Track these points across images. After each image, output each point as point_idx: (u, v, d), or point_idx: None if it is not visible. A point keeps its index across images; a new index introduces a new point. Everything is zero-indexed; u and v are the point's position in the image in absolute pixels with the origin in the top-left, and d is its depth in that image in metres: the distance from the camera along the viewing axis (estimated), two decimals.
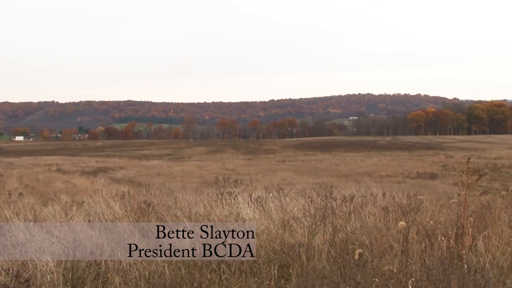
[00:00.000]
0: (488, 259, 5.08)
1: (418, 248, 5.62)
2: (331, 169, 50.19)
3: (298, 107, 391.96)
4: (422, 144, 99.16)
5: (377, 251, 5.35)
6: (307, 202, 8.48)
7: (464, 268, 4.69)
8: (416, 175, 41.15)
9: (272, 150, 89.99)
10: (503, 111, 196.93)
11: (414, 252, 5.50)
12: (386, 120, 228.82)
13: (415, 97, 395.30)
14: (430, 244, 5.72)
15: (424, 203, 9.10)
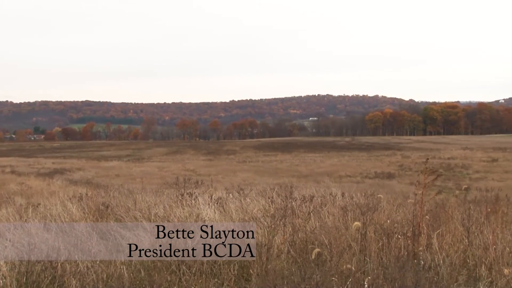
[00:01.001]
0: (442, 257, 5.23)
1: (375, 247, 5.73)
2: (292, 169, 50.57)
3: (258, 108, 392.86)
4: (380, 144, 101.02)
5: (336, 250, 5.43)
6: (267, 203, 8.52)
7: (419, 265, 4.82)
8: (374, 175, 41.95)
9: (233, 150, 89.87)
10: (456, 112, 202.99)
11: (371, 251, 5.60)
12: (345, 121, 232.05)
13: (373, 98, 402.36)
14: (387, 242, 5.84)
15: (382, 202, 9.30)
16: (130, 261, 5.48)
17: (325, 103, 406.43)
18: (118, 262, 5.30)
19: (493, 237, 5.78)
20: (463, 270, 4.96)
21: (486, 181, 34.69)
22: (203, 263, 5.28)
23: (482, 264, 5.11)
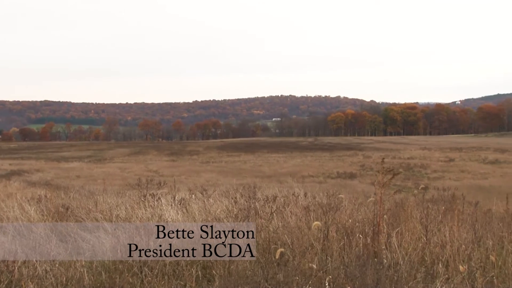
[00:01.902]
0: (401, 255, 5.35)
1: (337, 246, 5.80)
2: (255, 170, 50.68)
3: (222, 108, 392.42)
4: (342, 145, 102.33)
5: (299, 250, 5.48)
6: (230, 203, 8.52)
7: (379, 264, 4.91)
8: (337, 175, 42.44)
9: (196, 151, 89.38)
10: (415, 113, 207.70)
11: (333, 250, 5.67)
12: (308, 121, 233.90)
13: (335, 99, 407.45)
14: (348, 241, 5.93)
15: (344, 202, 9.43)
16: (90, 263, 5.39)
17: (288, 103, 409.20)
18: (78, 265, 5.19)
19: (450, 235, 5.94)
20: (421, 268, 5.07)
21: (443, 181, 35.61)
22: (166, 265, 5.24)
23: (439, 262, 5.24)
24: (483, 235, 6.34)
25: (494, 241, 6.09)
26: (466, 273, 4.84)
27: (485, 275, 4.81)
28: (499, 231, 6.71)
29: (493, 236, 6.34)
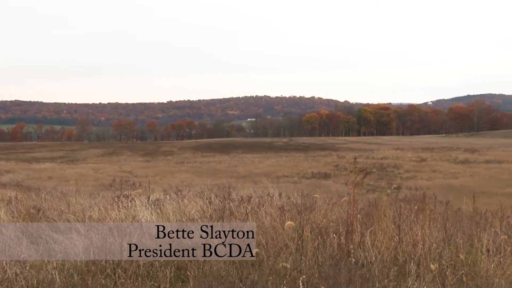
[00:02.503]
0: (374, 254, 5.41)
1: (311, 246, 5.84)
2: (230, 170, 50.64)
3: (196, 109, 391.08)
4: (317, 145, 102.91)
5: (273, 250, 5.50)
6: (205, 204, 8.49)
7: (353, 263, 4.96)
8: (311, 175, 42.70)
9: (171, 151, 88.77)
10: (388, 114, 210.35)
11: (308, 250, 5.70)
12: (282, 121, 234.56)
13: (309, 100, 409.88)
14: (322, 241, 5.97)
15: (318, 202, 9.49)
16: (62, 265, 5.31)
17: (263, 104, 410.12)
18: (49, 267, 5.11)
19: (422, 233, 6.03)
20: (394, 266, 5.14)
21: (415, 180, 36.17)
22: (140, 266, 5.20)
23: (411, 260, 5.32)
24: (454, 233, 6.45)
25: (464, 239, 6.21)
26: (437, 271, 4.92)
27: (455, 273, 4.91)
28: (468, 230, 6.85)
29: (463, 234, 6.47)
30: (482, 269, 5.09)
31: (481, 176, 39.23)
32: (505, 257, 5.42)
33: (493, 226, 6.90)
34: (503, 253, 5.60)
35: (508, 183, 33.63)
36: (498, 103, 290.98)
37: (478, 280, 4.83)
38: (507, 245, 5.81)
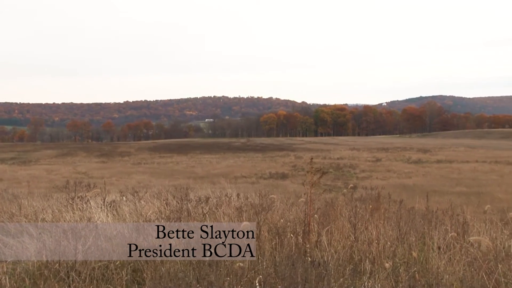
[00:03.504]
0: (330, 253, 5.50)
1: (269, 246, 5.88)
2: (188, 171, 50.29)
3: (154, 109, 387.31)
4: (274, 145, 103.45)
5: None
6: (162, 205, 8.42)
7: (309, 262, 5.03)
8: (269, 175, 42.86)
9: (127, 152, 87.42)
10: (345, 115, 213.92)
11: (265, 250, 5.74)
12: (240, 122, 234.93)
13: (267, 100, 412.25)
14: (280, 241, 6.02)
15: (276, 202, 9.56)
16: (13, 269, 5.16)
17: (221, 104, 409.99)
18: (0, 271, 4.96)
19: (376, 232, 6.18)
20: (349, 265, 5.24)
21: (371, 180, 36.85)
22: (94, 269, 5.11)
23: (366, 259, 5.43)
24: (407, 232, 6.63)
25: (417, 237, 6.40)
26: (391, 269, 5.05)
27: (408, 271, 5.04)
28: (421, 228, 7.05)
29: (415, 232, 6.66)
30: (433, 266, 5.26)
31: (433, 175, 40.32)
32: (454, 254, 5.61)
33: (444, 224, 7.14)
34: (452, 250, 5.79)
35: (458, 182, 34.70)
36: (448, 105, 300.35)
37: (429, 277, 4.98)
38: (456, 242, 6.02)
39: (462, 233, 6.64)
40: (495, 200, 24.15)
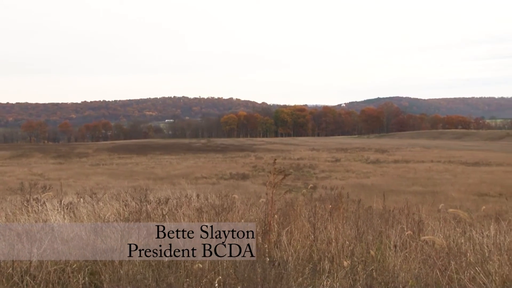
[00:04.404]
0: (290, 252, 5.55)
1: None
2: (147, 172, 49.74)
3: (113, 110, 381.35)
4: (235, 146, 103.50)
5: (191, 252, 5.48)
6: (121, 206, 8.31)
7: (269, 262, 5.06)
8: (230, 176, 42.86)
9: (85, 153, 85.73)
10: (304, 115, 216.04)
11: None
12: (201, 123, 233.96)
13: (228, 101, 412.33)
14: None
15: (236, 203, 9.57)
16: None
17: (181, 105, 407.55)
18: None
19: (335, 232, 6.27)
20: (309, 264, 5.30)
21: (330, 180, 37.36)
22: (50, 272, 4.99)
23: (326, 258, 5.51)
24: (365, 231, 6.75)
25: (374, 236, 6.53)
26: (349, 268, 5.13)
27: (366, 269, 5.14)
28: (378, 227, 7.20)
29: (373, 231, 6.79)
30: (389, 264, 5.37)
31: (390, 175, 41.19)
32: (410, 252, 5.76)
33: (400, 223, 7.30)
34: (408, 248, 5.94)
35: (414, 181, 35.57)
36: (405, 106, 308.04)
37: (386, 275, 5.09)
38: (412, 241, 6.17)
39: (417, 232, 6.80)
40: (449, 199, 24.90)
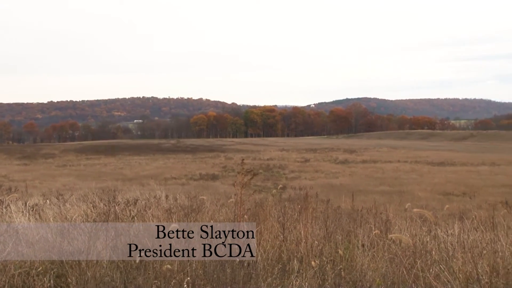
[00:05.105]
0: (260, 253, 5.57)
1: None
2: (116, 172, 49.15)
3: (80, 110, 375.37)
4: (205, 146, 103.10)
5: (160, 253, 5.45)
6: (89, 208, 8.20)
7: (239, 262, 5.06)
8: (199, 176, 42.72)
9: (52, 154, 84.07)
10: (274, 116, 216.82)
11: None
12: (170, 123, 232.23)
13: (197, 101, 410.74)
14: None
15: (206, 203, 9.55)
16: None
17: (150, 105, 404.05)
18: None
19: (305, 231, 6.31)
20: (278, 264, 5.32)
21: (299, 180, 37.59)
22: (14, 276, 4.88)
23: (295, 258, 5.54)
24: (334, 230, 6.82)
25: (343, 235, 6.61)
26: (318, 267, 5.17)
27: (334, 268, 5.19)
28: (347, 226, 7.29)
29: (342, 231, 6.87)
30: (358, 263, 5.45)
31: (359, 175, 41.70)
32: (378, 251, 5.85)
33: (368, 222, 7.41)
34: (376, 247, 6.03)
35: (381, 181, 36.09)
36: (373, 107, 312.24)
37: (354, 274, 5.16)
38: (380, 240, 6.27)
39: (385, 231, 6.91)
40: (415, 198, 25.36)
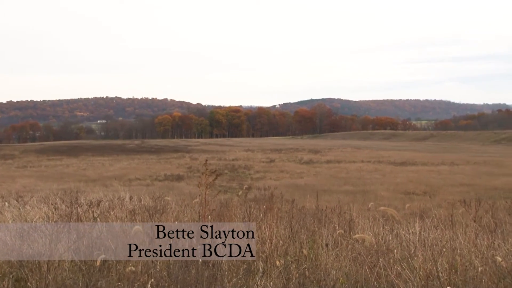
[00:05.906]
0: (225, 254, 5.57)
1: (163, 248, 5.82)
2: (79, 173, 48.23)
3: (41, 110, 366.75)
4: (169, 147, 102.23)
5: (123, 255, 5.39)
6: (50, 210, 8.04)
7: (203, 263, 5.05)
8: (164, 177, 42.32)
9: (11, 155, 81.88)
10: (239, 116, 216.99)
11: (158, 252, 5.69)
12: (134, 123, 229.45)
13: (162, 102, 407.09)
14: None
15: (170, 204, 9.48)
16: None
17: (114, 105, 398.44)
18: None
19: (270, 232, 6.34)
20: (243, 265, 5.33)
21: (265, 180, 37.68)
22: None
23: (260, 258, 5.56)
24: (298, 230, 6.87)
25: (307, 235, 6.66)
26: (283, 267, 5.21)
27: (299, 268, 5.23)
28: (311, 226, 7.35)
29: (306, 231, 6.93)
30: (322, 262, 5.50)
31: (323, 175, 42.06)
32: (341, 250, 5.93)
33: (332, 222, 7.50)
34: (340, 246, 6.11)
35: (345, 181, 36.51)
36: (337, 107, 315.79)
37: (318, 273, 5.20)
38: (343, 239, 6.36)
39: (348, 230, 7.01)
40: (378, 198, 25.75)
